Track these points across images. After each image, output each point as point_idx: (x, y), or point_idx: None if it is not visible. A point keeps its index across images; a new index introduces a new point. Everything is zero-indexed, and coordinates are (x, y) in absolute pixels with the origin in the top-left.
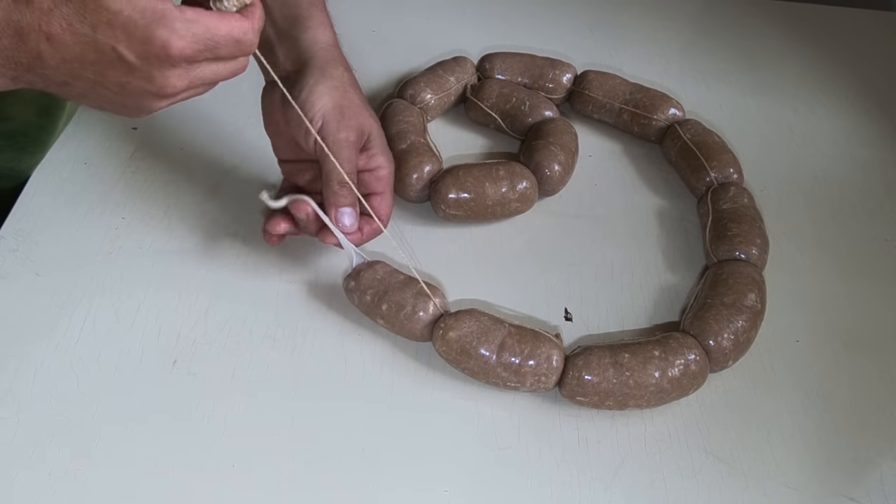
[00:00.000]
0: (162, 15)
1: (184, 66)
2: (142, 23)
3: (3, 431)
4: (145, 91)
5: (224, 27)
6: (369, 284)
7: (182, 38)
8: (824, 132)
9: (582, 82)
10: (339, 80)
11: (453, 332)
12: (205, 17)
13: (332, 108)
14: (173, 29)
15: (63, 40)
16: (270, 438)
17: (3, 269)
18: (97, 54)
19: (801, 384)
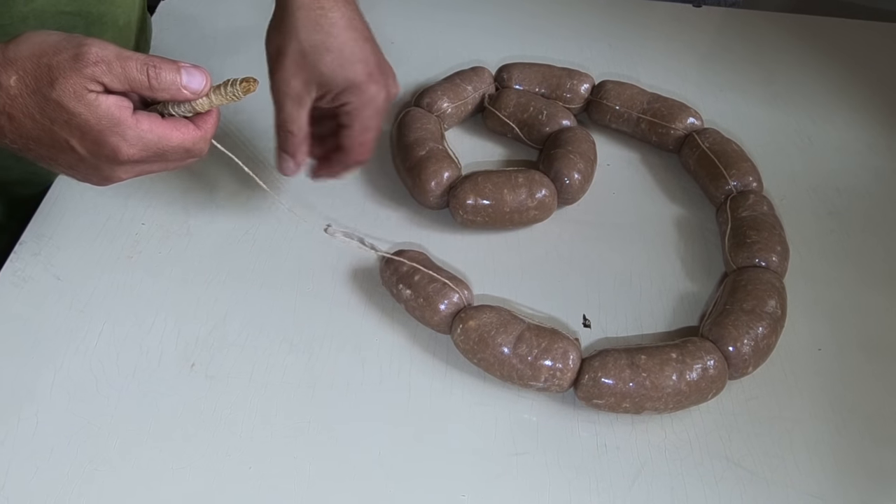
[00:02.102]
0: (117, 122)
1: (131, 164)
2: (97, 127)
3: (24, 431)
4: (91, 175)
5: (176, 137)
6: (410, 258)
7: (132, 146)
8: (843, 142)
9: (600, 92)
10: (288, 24)
11: (473, 321)
12: (158, 127)
13: (273, 57)
14: (124, 137)
15: (23, 123)
16: (287, 441)
17: (25, 273)
18: (52, 141)
19: (823, 392)
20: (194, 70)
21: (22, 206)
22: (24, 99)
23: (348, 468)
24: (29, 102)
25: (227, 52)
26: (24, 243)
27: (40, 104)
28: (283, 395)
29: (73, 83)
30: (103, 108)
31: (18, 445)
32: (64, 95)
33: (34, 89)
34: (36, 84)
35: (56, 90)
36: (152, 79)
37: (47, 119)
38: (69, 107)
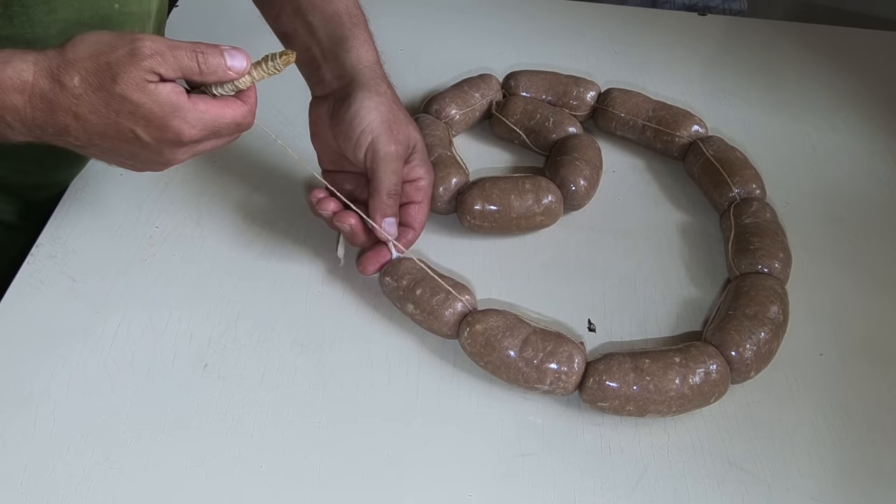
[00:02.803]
0: (178, 107)
1: (191, 144)
2: (160, 114)
3: (41, 430)
4: (153, 160)
5: (228, 115)
6: (407, 271)
7: (193, 127)
8: (846, 150)
9: (605, 100)
10: (384, 96)
11: (480, 325)
12: (213, 108)
13: (381, 122)
14: (185, 119)
15: (89, 119)
16: (298, 441)
17: (42, 275)
18: (117, 133)
19: (824, 397)
20: (235, 51)
21: (38, 209)
22: (89, 96)
23: (357, 467)
24: (94, 99)
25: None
26: (40, 246)
27: (105, 99)
28: (294, 396)
29: (134, 76)
30: (164, 95)
31: (36, 443)
32: (127, 88)
33: (98, 86)
34: (99, 81)
35: (119, 84)
36: (201, 64)
37: (112, 112)
38: (133, 98)
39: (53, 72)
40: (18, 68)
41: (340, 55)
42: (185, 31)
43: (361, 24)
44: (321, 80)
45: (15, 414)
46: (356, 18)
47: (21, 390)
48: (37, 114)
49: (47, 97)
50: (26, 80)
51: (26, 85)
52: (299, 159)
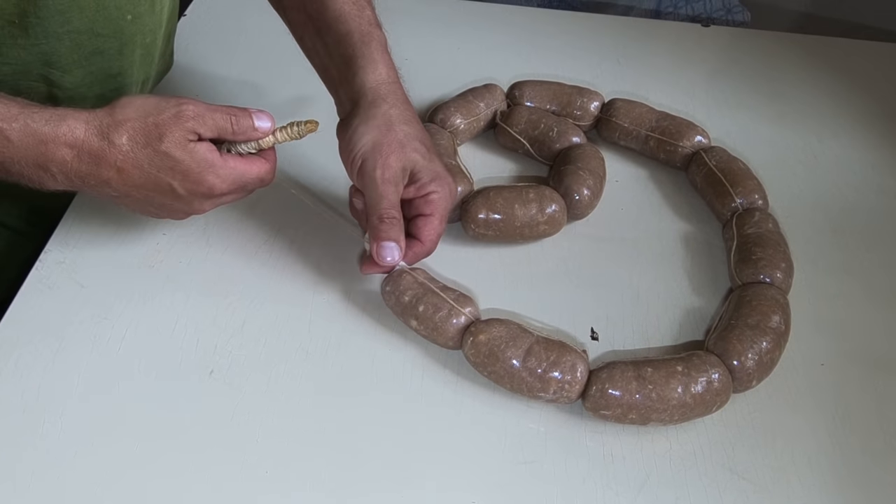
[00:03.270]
0: (212, 164)
1: (219, 196)
2: (197, 169)
3: (49, 435)
4: (180, 210)
5: (254, 171)
6: (409, 286)
7: (224, 181)
8: (849, 161)
9: (609, 110)
10: (381, 118)
11: (483, 335)
12: (240, 165)
13: (372, 146)
14: (218, 175)
15: (131, 173)
16: (302, 447)
17: (50, 281)
18: (155, 186)
19: (826, 406)
20: (262, 114)
21: (47, 215)
22: (136, 153)
23: (362, 474)
24: (139, 155)
25: (252, 57)
26: (49, 252)
27: (150, 156)
28: (299, 402)
29: (178, 136)
30: (201, 153)
31: (43, 448)
32: (171, 147)
33: (144, 144)
34: (146, 140)
35: (164, 143)
36: (234, 125)
37: (154, 168)
38: (175, 155)
39: (104, 130)
40: (72, 125)
41: (349, 76)
42: (192, 40)
43: (373, 42)
44: (340, 102)
45: (22, 419)
46: (367, 37)
47: (29, 395)
48: (82, 166)
49: (95, 152)
50: (78, 137)
51: (77, 141)
52: (314, 207)
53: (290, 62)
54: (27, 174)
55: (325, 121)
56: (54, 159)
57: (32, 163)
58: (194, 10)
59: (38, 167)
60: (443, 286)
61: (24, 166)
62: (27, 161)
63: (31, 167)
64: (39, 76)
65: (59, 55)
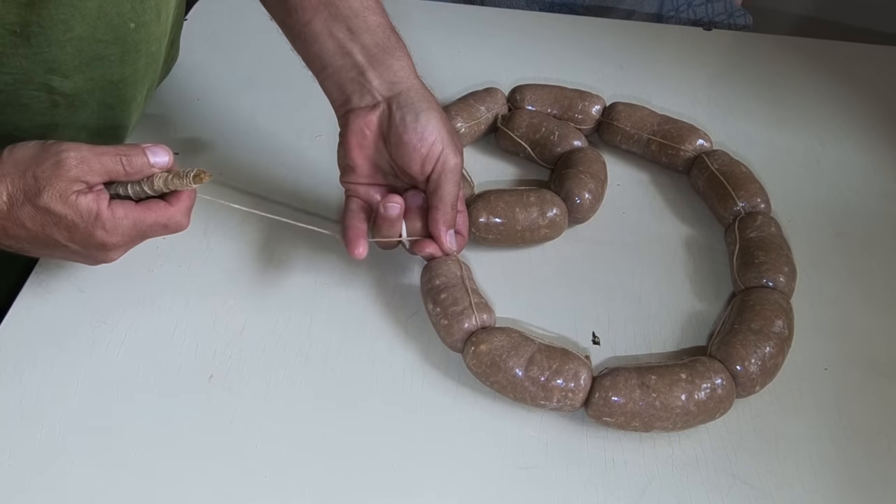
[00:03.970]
0: (97, 216)
1: (118, 248)
2: (82, 224)
3: (47, 439)
4: (88, 260)
5: (150, 217)
6: (445, 273)
7: (114, 234)
8: (852, 165)
9: (611, 113)
10: (440, 109)
11: (485, 346)
12: (132, 212)
13: (448, 134)
14: (105, 228)
15: (17, 232)
16: (302, 453)
17: (50, 286)
18: (45, 240)
19: (829, 411)
20: (157, 148)
21: None
22: (15, 211)
23: (361, 480)
24: (20, 213)
25: (254, 60)
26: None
27: (30, 213)
28: (298, 408)
29: (59, 188)
30: (83, 206)
31: (42, 453)
32: (51, 201)
33: (23, 201)
34: (24, 196)
35: (43, 198)
36: (126, 166)
37: (38, 224)
38: (56, 210)
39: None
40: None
41: (390, 62)
42: (193, 43)
43: (398, 36)
44: (366, 88)
45: (21, 423)
46: (397, 33)
47: (28, 399)
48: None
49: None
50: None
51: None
52: (307, 227)
53: (293, 64)
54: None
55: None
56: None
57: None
58: (196, 14)
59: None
60: (475, 288)
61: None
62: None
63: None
64: (41, 84)
65: (61, 62)
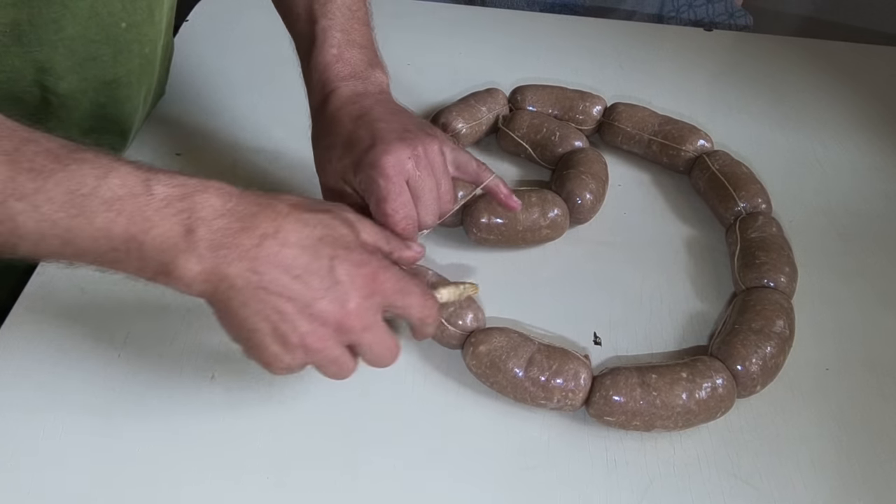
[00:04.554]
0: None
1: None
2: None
3: (49, 439)
4: (318, 306)
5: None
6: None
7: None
8: (853, 165)
9: (611, 114)
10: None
11: (483, 346)
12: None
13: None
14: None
15: (290, 230)
16: (304, 453)
17: (52, 286)
18: (312, 253)
19: (830, 412)
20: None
21: None
22: (300, 206)
23: (363, 480)
24: (304, 207)
25: (255, 62)
26: None
27: (316, 215)
28: (300, 408)
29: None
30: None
31: (43, 453)
32: (339, 212)
33: (308, 206)
34: (310, 203)
35: (332, 210)
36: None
37: (320, 224)
38: (342, 215)
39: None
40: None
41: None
42: (196, 43)
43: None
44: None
45: (22, 425)
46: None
47: (29, 400)
48: (232, 222)
49: (254, 201)
50: (230, 190)
51: (232, 191)
52: None
53: (293, 65)
54: (156, 241)
55: None
56: (203, 205)
57: (175, 218)
58: (196, 15)
59: (182, 218)
60: (466, 286)
61: (159, 229)
62: (165, 222)
63: (167, 227)
64: (33, 82)
65: (54, 62)
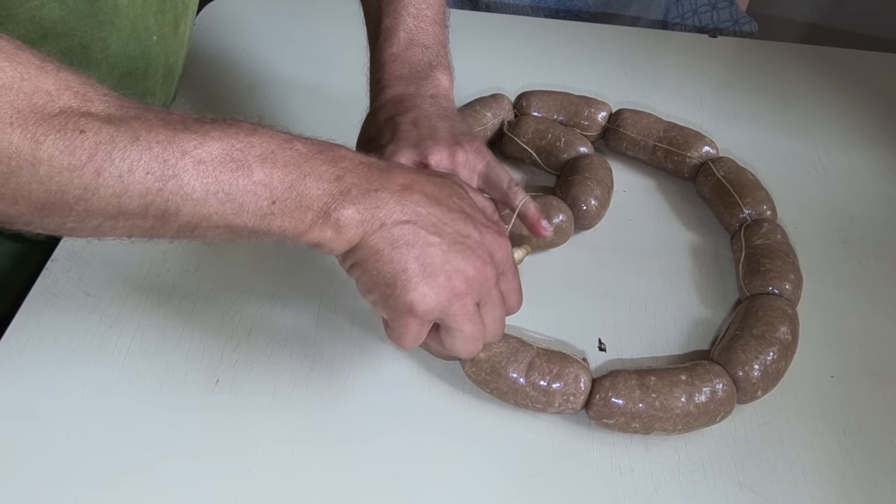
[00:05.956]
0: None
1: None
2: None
3: (53, 442)
4: (474, 241)
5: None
6: None
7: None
8: (858, 172)
9: (617, 120)
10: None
11: (483, 353)
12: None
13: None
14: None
15: (423, 182)
16: (308, 457)
17: (56, 289)
18: (448, 194)
19: (836, 419)
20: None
21: None
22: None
23: (367, 486)
24: (423, 174)
25: (261, 65)
26: (55, 260)
27: (435, 176)
28: (305, 412)
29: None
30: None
31: (47, 456)
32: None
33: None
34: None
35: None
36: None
37: (441, 184)
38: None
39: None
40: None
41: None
42: (202, 48)
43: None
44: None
45: (28, 427)
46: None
47: (34, 404)
48: (373, 171)
49: (381, 164)
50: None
51: (357, 154)
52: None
53: (299, 70)
54: (304, 191)
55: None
56: (344, 157)
57: (324, 166)
58: (202, 20)
59: (330, 167)
60: None
61: (313, 177)
62: (317, 170)
63: (320, 174)
64: None
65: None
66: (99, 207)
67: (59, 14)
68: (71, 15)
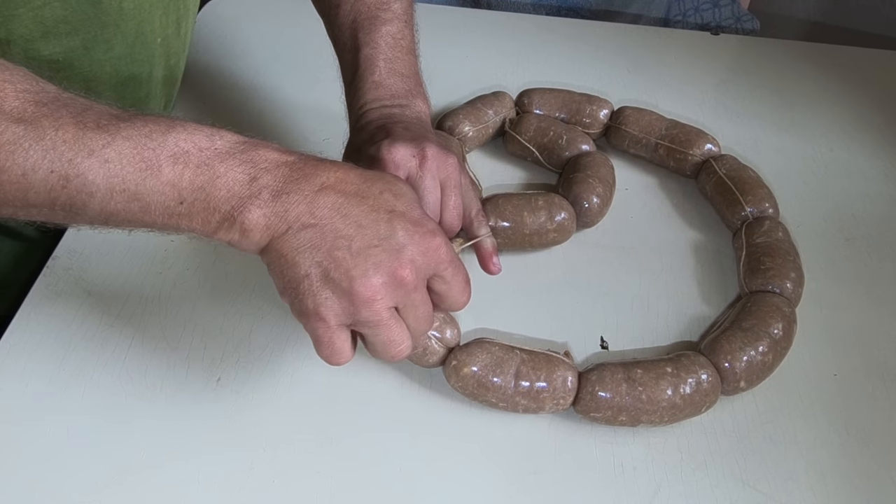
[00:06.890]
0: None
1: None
2: (413, 196)
3: (55, 441)
4: (389, 239)
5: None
6: None
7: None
8: (860, 170)
9: (618, 118)
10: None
11: (467, 368)
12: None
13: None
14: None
15: (350, 178)
16: (309, 456)
17: (58, 288)
18: (372, 191)
19: (838, 417)
20: None
21: None
22: (352, 168)
23: (369, 484)
24: (356, 169)
25: (260, 66)
26: (56, 258)
27: (368, 172)
28: (306, 410)
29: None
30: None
31: (49, 454)
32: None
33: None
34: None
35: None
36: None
37: (372, 177)
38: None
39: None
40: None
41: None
42: (202, 46)
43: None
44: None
45: (29, 426)
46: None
47: (35, 403)
48: (294, 172)
49: (310, 160)
50: (283, 149)
51: (285, 150)
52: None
53: (299, 68)
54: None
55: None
56: (264, 158)
57: (240, 167)
58: (203, 18)
59: (247, 167)
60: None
61: (224, 179)
62: (230, 172)
63: (234, 175)
64: None
65: (99, 82)
66: (6, 200)
67: (62, 14)
68: (73, 15)
